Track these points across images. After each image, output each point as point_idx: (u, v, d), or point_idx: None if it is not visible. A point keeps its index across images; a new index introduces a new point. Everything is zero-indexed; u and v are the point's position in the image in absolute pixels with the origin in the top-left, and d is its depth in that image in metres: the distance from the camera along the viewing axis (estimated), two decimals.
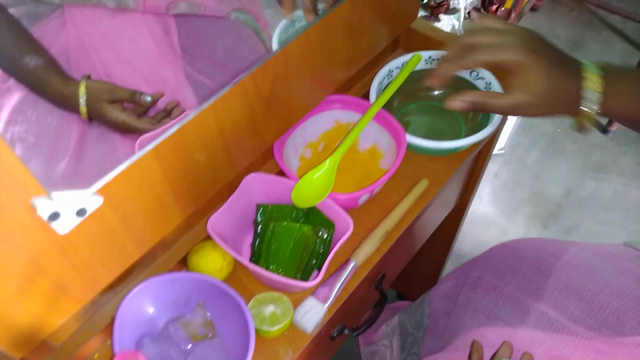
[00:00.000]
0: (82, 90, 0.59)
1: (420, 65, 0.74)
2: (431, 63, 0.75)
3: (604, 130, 1.73)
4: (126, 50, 0.67)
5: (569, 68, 0.49)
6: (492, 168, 1.66)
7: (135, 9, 0.66)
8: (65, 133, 0.62)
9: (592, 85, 0.48)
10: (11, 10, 0.61)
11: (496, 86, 0.70)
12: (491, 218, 1.56)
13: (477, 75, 0.73)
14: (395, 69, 0.74)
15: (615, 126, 1.71)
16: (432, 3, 1.25)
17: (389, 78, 0.74)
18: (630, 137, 1.72)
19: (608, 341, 0.62)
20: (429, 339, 0.84)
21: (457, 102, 0.50)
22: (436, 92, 0.78)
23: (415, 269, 1.33)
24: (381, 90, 0.71)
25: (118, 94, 0.62)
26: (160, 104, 0.66)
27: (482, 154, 0.85)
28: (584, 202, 1.59)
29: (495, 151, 1.67)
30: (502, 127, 0.82)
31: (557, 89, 0.48)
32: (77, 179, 0.60)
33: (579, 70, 0.48)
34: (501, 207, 1.59)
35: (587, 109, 0.48)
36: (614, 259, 0.70)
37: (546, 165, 1.67)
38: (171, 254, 0.62)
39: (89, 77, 0.61)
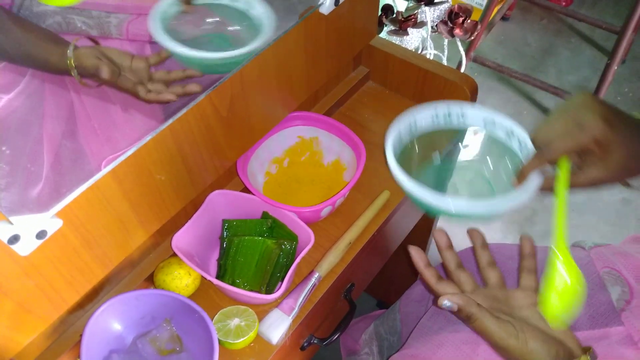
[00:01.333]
0: (72, 45, 0.53)
1: (431, 123, 0.66)
2: (445, 119, 0.65)
3: None
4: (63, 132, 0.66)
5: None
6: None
7: (118, 37, 0.67)
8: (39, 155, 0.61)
9: None
10: None
11: (528, 142, 0.59)
12: (468, 225, 1.58)
13: (512, 134, 0.63)
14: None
15: None
16: (400, 17, 1.28)
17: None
18: None
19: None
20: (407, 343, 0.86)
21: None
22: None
23: (392, 277, 1.35)
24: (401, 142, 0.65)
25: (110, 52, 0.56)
26: None
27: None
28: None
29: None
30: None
31: (634, 156, 0.49)
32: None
33: None
34: None
35: None
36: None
37: None
38: (138, 272, 0.63)
39: None
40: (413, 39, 1.44)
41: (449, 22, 1.40)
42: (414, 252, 0.59)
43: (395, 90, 0.84)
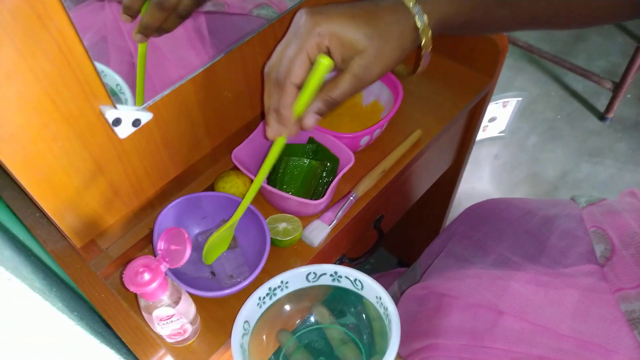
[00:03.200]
0: None
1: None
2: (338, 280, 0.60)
3: (601, 117, 1.82)
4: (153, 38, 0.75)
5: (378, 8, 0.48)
6: (492, 150, 1.76)
7: None
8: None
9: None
10: None
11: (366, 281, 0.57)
12: (490, 195, 1.65)
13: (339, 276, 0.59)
14: None
15: (612, 114, 1.79)
16: None
17: None
18: (627, 125, 1.80)
19: (551, 273, 0.72)
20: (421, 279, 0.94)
21: (310, 120, 0.50)
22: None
23: (414, 237, 1.43)
24: None
25: None
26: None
27: (475, 114, 0.94)
28: (578, 184, 1.67)
29: (495, 134, 1.77)
30: (492, 90, 0.92)
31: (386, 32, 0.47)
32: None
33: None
34: (500, 186, 1.68)
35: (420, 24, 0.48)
36: (566, 208, 0.81)
37: (544, 149, 1.76)
38: (200, 181, 0.73)
39: None
40: None
41: None
42: None
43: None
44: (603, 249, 0.71)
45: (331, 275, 0.60)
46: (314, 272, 0.60)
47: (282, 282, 0.59)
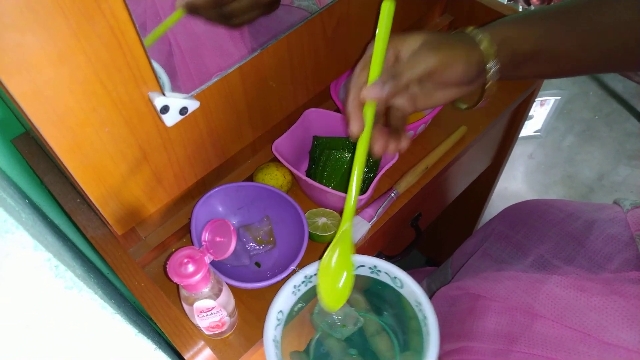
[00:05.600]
0: None
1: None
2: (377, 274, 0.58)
3: None
4: (196, 25, 0.74)
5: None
6: (527, 149, 1.71)
7: None
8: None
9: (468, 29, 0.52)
10: None
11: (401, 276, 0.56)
12: (523, 196, 1.61)
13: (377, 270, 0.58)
14: None
15: None
16: None
17: None
18: None
19: (594, 278, 0.69)
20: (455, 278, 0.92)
21: (372, 91, 0.51)
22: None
23: (445, 236, 1.41)
24: None
25: None
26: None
27: (518, 113, 0.91)
28: (616, 187, 1.62)
29: (531, 133, 1.72)
30: (538, 88, 0.89)
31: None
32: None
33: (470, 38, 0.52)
34: (534, 186, 1.64)
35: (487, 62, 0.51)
36: (609, 211, 0.77)
37: (581, 150, 1.71)
38: (239, 172, 0.72)
39: None
40: None
41: None
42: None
43: None
44: None
45: (370, 268, 0.58)
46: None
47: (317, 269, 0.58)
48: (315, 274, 0.57)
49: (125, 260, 0.60)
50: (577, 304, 0.68)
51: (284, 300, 0.56)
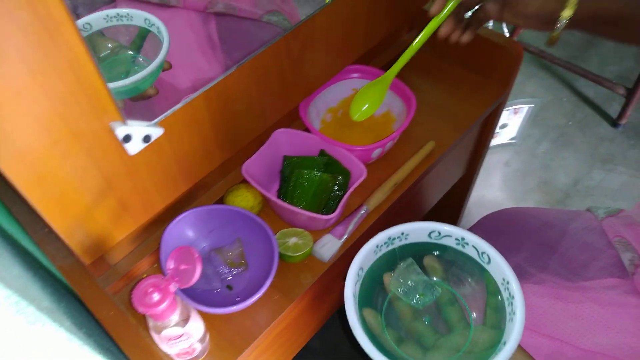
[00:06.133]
0: None
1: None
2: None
3: (614, 123, 1.80)
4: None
5: None
6: (503, 157, 1.74)
7: (176, 5, 0.75)
8: None
9: None
10: (67, 1, 0.70)
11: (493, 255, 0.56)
12: (501, 204, 1.63)
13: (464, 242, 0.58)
14: None
15: (625, 120, 1.77)
16: None
17: None
18: (639, 131, 1.78)
19: (570, 286, 0.70)
20: None
21: (445, 29, 0.63)
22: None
23: None
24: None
25: None
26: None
27: (487, 124, 0.93)
28: (591, 192, 1.65)
29: (506, 140, 1.75)
30: (506, 99, 0.91)
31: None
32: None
33: None
34: (511, 194, 1.66)
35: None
36: (583, 219, 0.79)
37: (555, 156, 1.74)
38: (209, 194, 0.72)
39: None
40: None
41: None
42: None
43: (443, 55, 0.91)
44: (631, 257, 0.69)
45: (457, 239, 0.57)
46: (438, 231, 0.57)
47: (402, 233, 0.57)
48: (398, 237, 0.57)
49: (94, 290, 0.59)
50: (554, 312, 0.69)
51: (365, 258, 0.55)
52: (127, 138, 0.51)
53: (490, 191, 1.66)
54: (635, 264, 0.68)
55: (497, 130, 1.67)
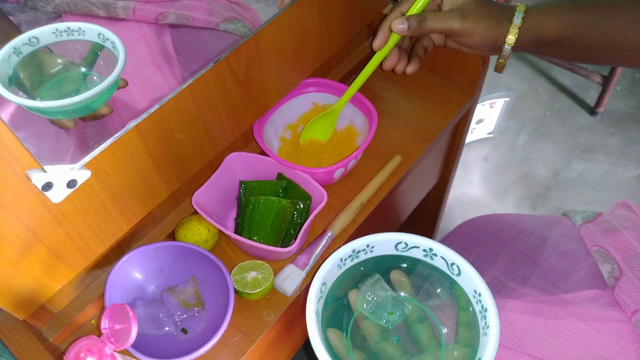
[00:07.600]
0: None
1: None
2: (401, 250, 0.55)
3: (592, 111, 1.77)
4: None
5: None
6: (481, 152, 1.70)
7: (126, 18, 0.70)
8: None
9: (519, 8, 0.58)
10: (11, 18, 0.65)
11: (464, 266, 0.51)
12: (482, 200, 1.60)
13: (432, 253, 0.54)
14: None
15: (603, 107, 1.74)
16: None
17: None
18: (617, 119, 1.75)
19: (550, 300, 0.66)
20: None
21: (398, 25, 0.59)
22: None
23: None
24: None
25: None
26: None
27: (458, 129, 0.89)
28: (571, 183, 1.62)
29: (484, 135, 1.71)
30: (476, 101, 0.86)
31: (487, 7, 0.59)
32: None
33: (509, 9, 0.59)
34: (491, 189, 1.63)
35: (513, 23, 0.58)
36: (561, 226, 0.75)
37: (534, 149, 1.71)
38: (160, 229, 0.67)
39: None
40: None
41: None
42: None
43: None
44: (610, 269, 0.66)
45: (424, 250, 0.53)
46: (405, 242, 0.54)
47: (367, 245, 0.53)
48: (363, 250, 0.53)
49: (31, 347, 0.54)
50: (535, 330, 0.66)
51: (329, 273, 0.51)
52: (48, 186, 0.45)
53: (471, 188, 1.63)
54: (615, 277, 0.64)
55: (473, 125, 1.64)
